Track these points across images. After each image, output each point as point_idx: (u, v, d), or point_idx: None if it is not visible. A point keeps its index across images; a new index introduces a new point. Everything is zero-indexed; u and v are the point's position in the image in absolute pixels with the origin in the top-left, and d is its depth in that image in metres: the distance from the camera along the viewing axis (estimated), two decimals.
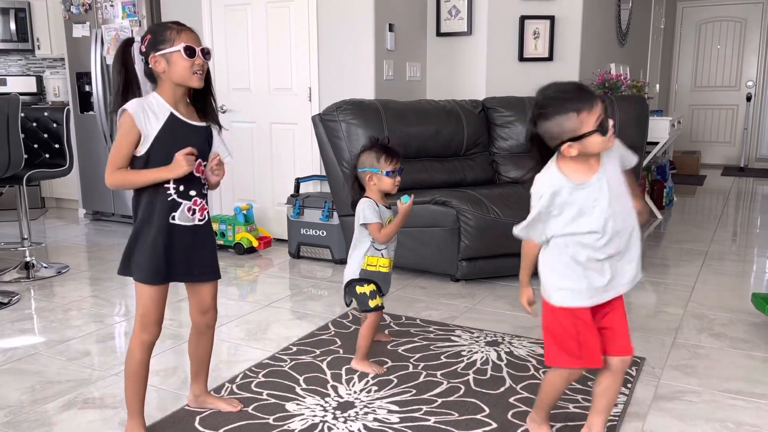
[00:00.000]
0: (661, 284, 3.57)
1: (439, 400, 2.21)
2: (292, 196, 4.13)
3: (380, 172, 2.33)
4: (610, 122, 1.61)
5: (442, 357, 2.56)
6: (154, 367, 2.42)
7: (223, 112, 4.61)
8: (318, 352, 2.63)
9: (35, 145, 3.96)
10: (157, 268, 1.85)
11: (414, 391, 2.27)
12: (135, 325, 1.90)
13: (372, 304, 2.41)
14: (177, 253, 1.88)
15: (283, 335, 2.84)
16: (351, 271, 2.43)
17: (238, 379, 2.37)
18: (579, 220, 1.67)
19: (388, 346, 2.67)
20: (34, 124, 3.95)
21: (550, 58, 4.58)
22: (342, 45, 4.11)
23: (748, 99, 8.58)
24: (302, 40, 4.22)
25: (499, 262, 3.53)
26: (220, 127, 1.97)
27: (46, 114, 3.94)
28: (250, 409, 2.14)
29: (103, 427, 2.06)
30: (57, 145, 3.94)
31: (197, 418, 2.09)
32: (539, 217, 1.70)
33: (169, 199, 1.85)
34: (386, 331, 2.81)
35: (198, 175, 1.89)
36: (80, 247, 4.62)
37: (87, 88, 5.17)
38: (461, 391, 2.27)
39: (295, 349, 2.67)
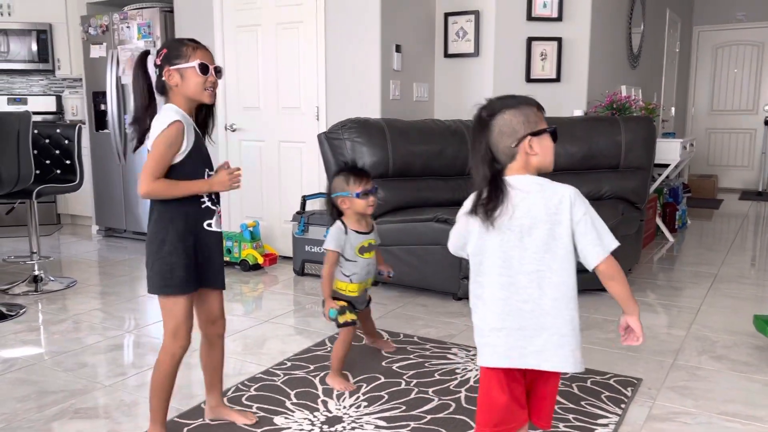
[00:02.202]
0: (665, 306, 3.51)
1: (428, 417, 2.19)
2: (297, 213, 4.16)
3: (350, 195, 2.37)
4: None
5: (435, 374, 2.55)
6: (143, 379, 2.46)
7: (233, 131, 4.68)
8: (312, 367, 2.63)
9: (47, 161, 4.05)
10: (190, 276, 1.88)
11: (404, 408, 2.26)
12: (166, 339, 1.91)
13: (341, 320, 2.42)
14: (208, 259, 1.93)
15: (279, 350, 2.85)
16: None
17: (230, 392, 2.38)
18: None
19: (383, 363, 2.66)
20: (47, 141, 4.04)
21: (557, 80, 4.59)
22: (349, 65, 4.16)
23: (766, 123, 8.48)
24: (311, 60, 4.28)
25: None
26: (210, 138, 2.03)
27: (58, 131, 4.03)
28: (238, 422, 2.14)
29: None
30: (68, 161, 4.02)
31: (185, 429, 2.10)
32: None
33: (203, 206, 1.90)
34: (387, 338, 2.85)
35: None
36: (91, 262, 4.69)
37: (102, 107, 5.29)
38: (451, 408, 2.25)
39: (289, 364, 2.67)
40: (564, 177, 4.00)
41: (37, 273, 3.89)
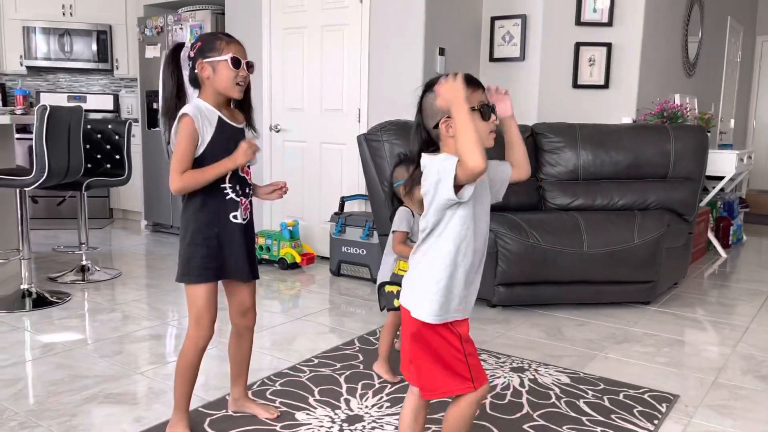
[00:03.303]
0: (712, 323, 3.37)
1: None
2: (335, 214, 4.18)
3: None
4: (492, 116, 1.54)
5: None
6: (172, 370, 2.49)
7: (278, 131, 4.74)
8: (338, 365, 2.62)
9: (98, 156, 4.19)
10: (209, 265, 1.90)
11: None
12: (190, 327, 1.94)
13: (397, 303, 2.39)
14: (232, 250, 1.94)
15: (308, 347, 2.85)
16: (382, 274, 2.47)
17: (255, 386, 2.39)
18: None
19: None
20: (99, 136, 4.18)
21: (605, 86, 4.48)
22: (391, 67, 4.16)
23: None
24: (354, 63, 4.30)
25: (538, 289, 3.44)
26: (255, 130, 2.04)
27: (110, 126, 4.17)
28: (260, 416, 2.15)
29: (117, 421, 2.12)
30: (118, 156, 4.15)
31: (208, 419, 2.12)
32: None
33: (227, 198, 1.91)
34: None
35: (243, 175, 1.95)
36: (138, 255, 4.82)
37: (155, 105, 5.45)
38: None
39: (316, 361, 2.67)
40: (608, 185, 3.91)
41: (84, 263, 4.03)
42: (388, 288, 2.43)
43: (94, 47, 6.32)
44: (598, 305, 3.54)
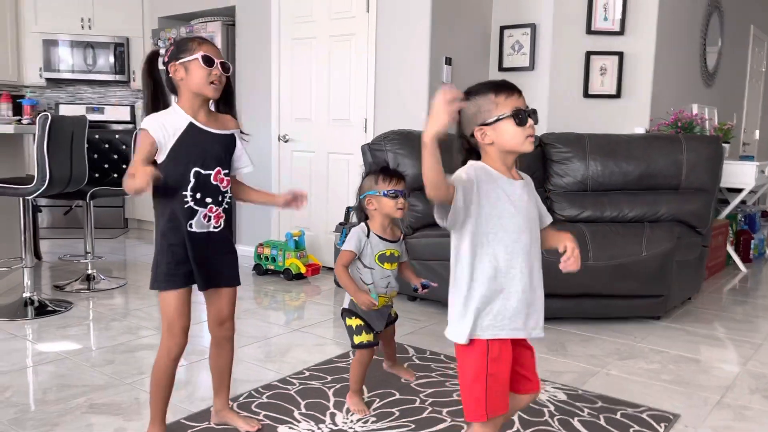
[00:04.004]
0: (724, 339, 3.25)
1: None
2: (340, 224, 4.15)
3: (378, 193, 2.21)
4: (530, 121, 1.52)
5: (454, 395, 2.43)
6: None
7: (286, 141, 4.74)
8: (329, 378, 2.57)
9: (106, 165, 4.22)
10: (176, 272, 1.87)
11: (413, 426, 2.16)
12: (162, 334, 1.92)
13: (356, 340, 2.25)
14: (195, 259, 1.89)
15: (301, 359, 2.81)
16: (346, 299, 2.31)
17: (242, 398, 2.36)
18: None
19: (403, 379, 2.56)
20: (107, 146, 4.22)
21: (617, 95, 4.39)
22: (397, 77, 4.13)
23: None
24: (361, 73, 4.28)
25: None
26: (242, 132, 2.01)
27: (117, 137, 4.20)
28: (241, 429, 2.11)
29: (98, 431, 2.10)
30: (125, 166, 4.17)
31: (188, 431, 2.09)
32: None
33: (185, 206, 1.87)
34: (405, 365, 2.70)
35: (216, 183, 1.91)
36: (147, 264, 4.82)
37: None
38: (461, 430, 2.13)
39: (307, 373, 2.62)
40: (618, 196, 3.81)
41: (90, 272, 4.05)
42: (348, 321, 2.27)
43: (112, 59, 6.42)
44: (606, 320, 3.43)
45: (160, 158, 1.84)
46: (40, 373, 2.59)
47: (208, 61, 1.83)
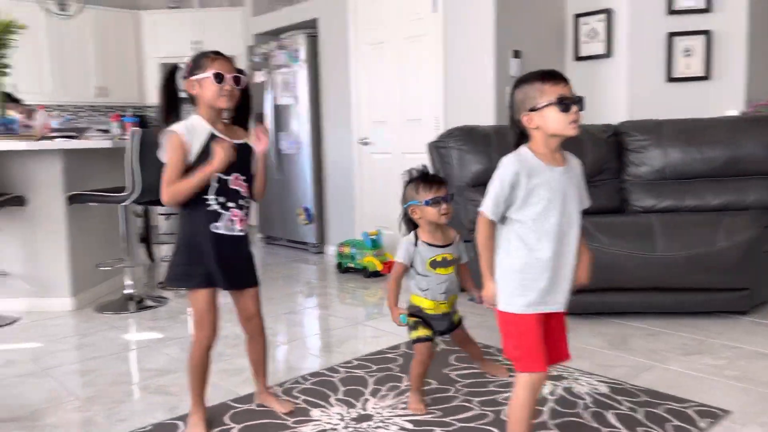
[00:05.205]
0: None
1: (458, 425, 2.11)
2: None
3: (420, 203, 2.21)
4: (574, 107, 1.61)
5: (490, 386, 2.44)
6: (223, 366, 2.69)
7: (365, 144, 4.90)
8: (374, 368, 2.67)
9: None
10: (192, 272, 2.04)
11: (439, 413, 2.20)
12: (194, 328, 2.11)
13: (413, 335, 2.24)
14: (220, 261, 2.04)
15: (353, 350, 2.92)
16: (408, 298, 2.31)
17: (287, 383, 2.51)
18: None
19: (444, 370, 2.60)
20: None
21: (706, 77, 4.11)
22: (465, 74, 4.15)
23: None
24: (431, 72, 4.35)
25: (607, 296, 3.22)
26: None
27: None
28: (276, 410, 2.26)
29: (154, 409, 2.34)
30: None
31: (231, 412, 2.27)
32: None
33: (210, 209, 2.03)
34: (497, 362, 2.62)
35: (236, 188, 2.07)
36: None
37: None
38: (486, 419, 2.14)
39: (355, 363, 2.73)
40: (700, 184, 3.62)
41: None
42: (408, 319, 2.25)
43: None
44: (682, 314, 3.24)
45: (192, 160, 1.98)
46: (122, 359, 2.91)
47: (219, 78, 1.97)
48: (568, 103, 1.60)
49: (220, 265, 2.04)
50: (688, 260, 3.09)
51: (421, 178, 2.28)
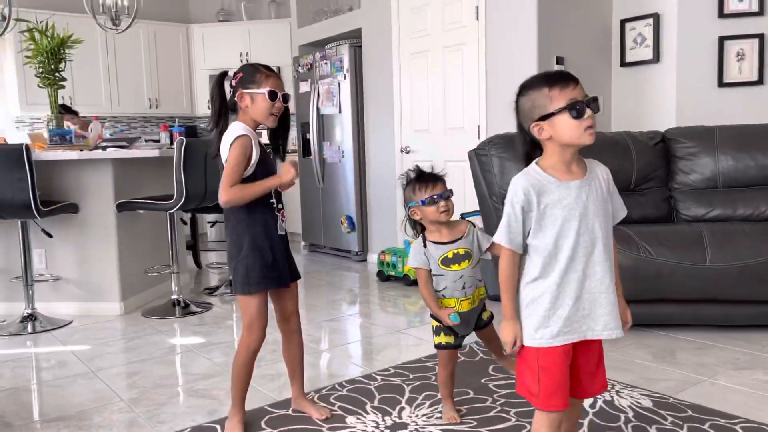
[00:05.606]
0: None
1: None
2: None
3: (417, 203, 2.16)
4: (588, 111, 1.45)
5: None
6: (262, 371, 2.72)
7: (407, 153, 4.90)
8: (411, 376, 2.65)
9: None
10: (269, 275, 2.09)
11: (474, 423, 2.18)
12: (243, 332, 2.13)
13: (435, 341, 2.21)
14: (279, 260, 2.12)
15: (391, 358, 2.92)
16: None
17: (324, 390, 2.52)
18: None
19: (483, 379, 2.57)
20: None
21: (759, 82, 3.97)
22: (507, 82, 4.11)
23: None
24: (473, 80, 4.33)
25: (655, 308, 3.13)
26: (282, 159, 2.22)
27: None
28: (312, 416, 2.27)
29: (195, 412, 2.38)
30: None
31: (267, 416, 2.29)
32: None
33: (273, 211, 2.10)
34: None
35: (278, 190, 2.13)
36: None
37: (307, 136, 5.93)
38: (523, 431, 2.11)
39: (392, 371, 2.73)
40: (754, 193, 3.49)
41: (231, 278, 4.50)
42: (432, 321, 2.23)
43: None
44: (733, 327, 3.12)
45: (250, 170, 2.02)
46: (166, 363, 2.98)
47: (273, 96, 2.01)
48: (581, 107, 1.44)
49: (284, 264, 2.13)
50: (740, 271, 2.98)
51: (415, 179, 2.24)
